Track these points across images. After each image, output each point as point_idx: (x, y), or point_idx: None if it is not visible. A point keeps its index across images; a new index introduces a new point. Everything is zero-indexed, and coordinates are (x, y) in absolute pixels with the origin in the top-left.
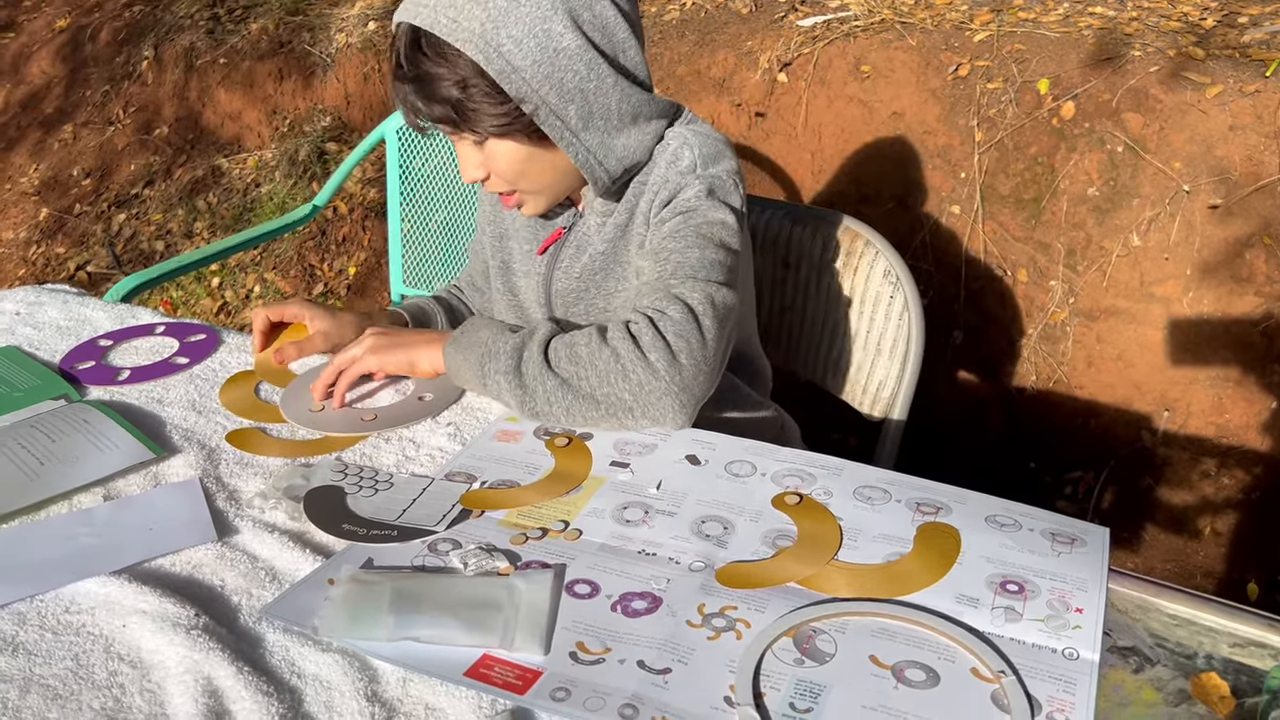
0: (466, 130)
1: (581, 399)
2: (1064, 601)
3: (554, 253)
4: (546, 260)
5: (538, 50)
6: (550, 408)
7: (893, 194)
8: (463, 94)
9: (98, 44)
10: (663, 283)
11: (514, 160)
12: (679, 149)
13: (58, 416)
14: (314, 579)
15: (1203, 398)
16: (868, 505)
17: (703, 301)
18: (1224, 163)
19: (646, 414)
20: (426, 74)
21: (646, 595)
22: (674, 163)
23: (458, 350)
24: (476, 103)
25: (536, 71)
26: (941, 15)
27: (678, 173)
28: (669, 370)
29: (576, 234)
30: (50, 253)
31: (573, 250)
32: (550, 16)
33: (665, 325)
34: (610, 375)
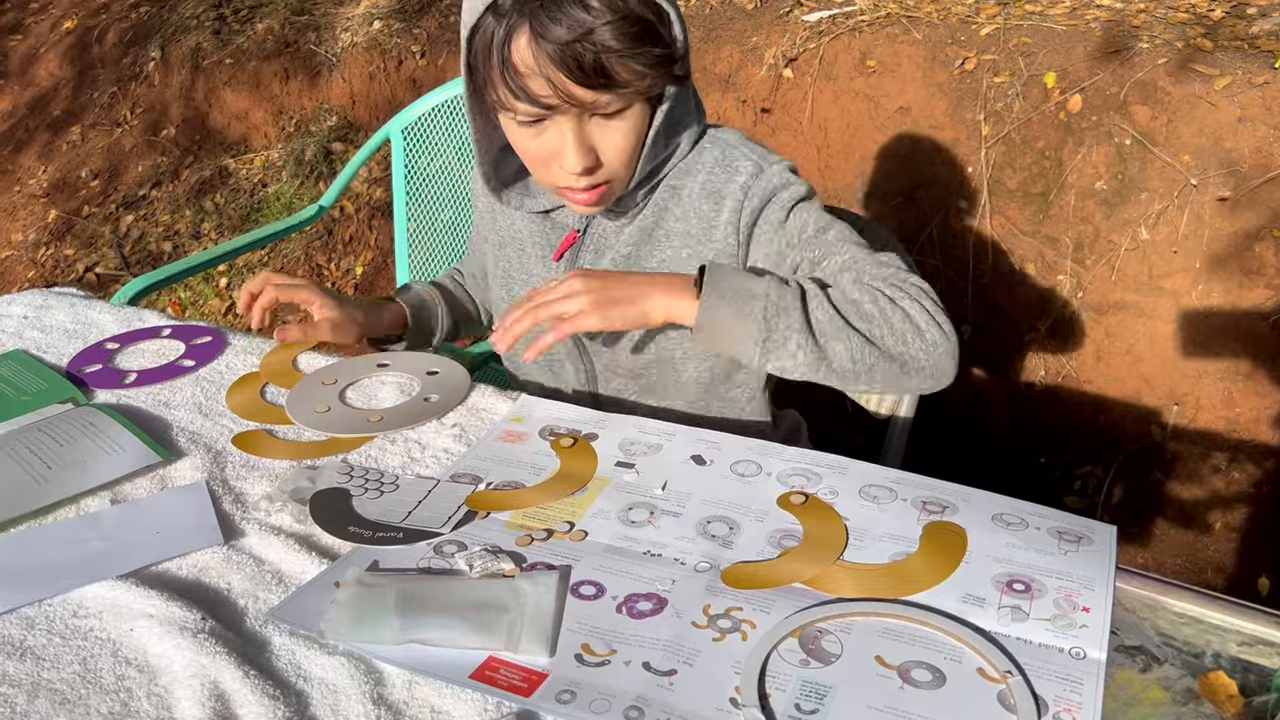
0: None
1: (883, 356)
2: (1071, 601)
3: (571, 257)
4: (564, 266)
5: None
6: (852, 365)
7: (899, 189)
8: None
9: (104, 45)
10: (874, 259)
11: (640, 134)
12: (726, 155)
13: (65, 420)
14: (320, 582)
15: (1212, 391)
16: (874, 504)
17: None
18: (1233, 155)
19: (934, 373)
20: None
21: (652, 596)
22: (729, 168)
23: (723, 301)
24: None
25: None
26: (947, 9)
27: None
28: (953, 335)
29: (593, 236)
30: (59, 254)
31: (591, 254)
32: None
33: (932, 295)
34: (906, 334)
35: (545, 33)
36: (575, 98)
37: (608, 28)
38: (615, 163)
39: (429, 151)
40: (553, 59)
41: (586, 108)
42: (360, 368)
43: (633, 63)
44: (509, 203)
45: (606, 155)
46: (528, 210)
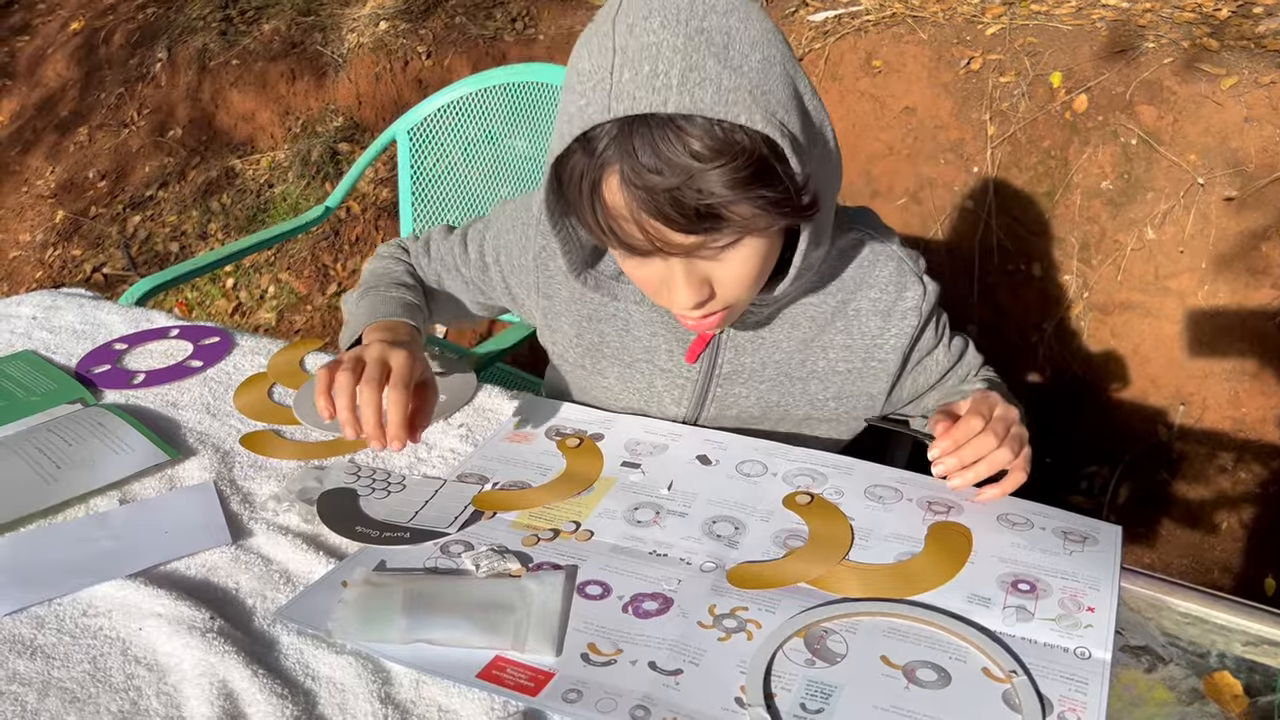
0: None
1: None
2: (1076, 600)
3: (708, 358)
4: (701, 367)
5: (799, 114)
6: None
7: (905, 188)
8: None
9: (111, 46)
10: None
11: (760, 263)
12: (899, 271)
13: (74, 420)
14: (327, 581)
15: (1219, 391)
16: (879, 504)
17: None
18: (1239, 155)
19: None
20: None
21: (658, 596)
22: (901, 286)
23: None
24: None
25: (802, 137)
26: (953, 9)
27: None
28: None
29: (731, 336)
30: (66, 255)
31: (731, 354)
32: (794, 75)
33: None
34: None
35: (639, 180)
36: (675, 245)
37: (715, 173)
38: (732, 292)
39: (435, 152)
40: (645, 207)
41: (689, 252)
42: None
43: (741, 207)
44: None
45: (722, 286)
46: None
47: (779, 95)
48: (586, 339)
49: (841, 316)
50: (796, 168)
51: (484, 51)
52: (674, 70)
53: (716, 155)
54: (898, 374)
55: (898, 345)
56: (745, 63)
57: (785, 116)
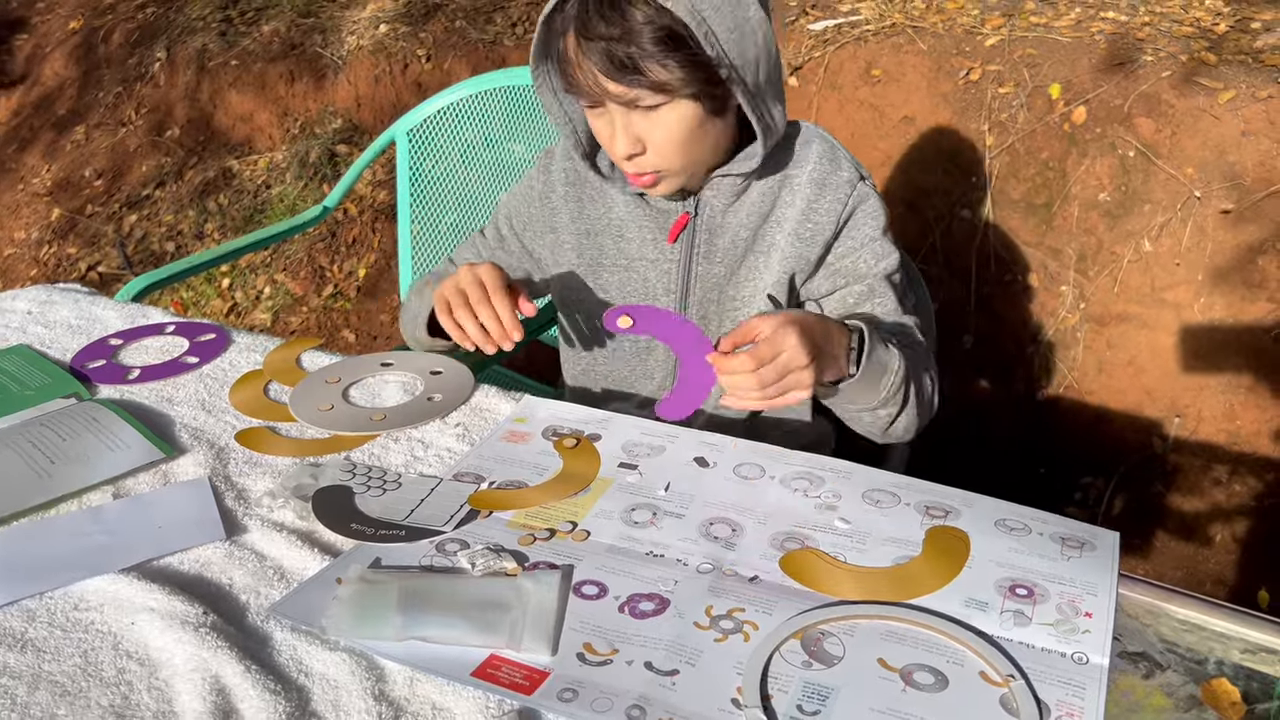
0: (655, 90)
1: (908, 429)
2: (1074, 606)
3: (687, 238)
4: (680, 247)
5: (731, 16)
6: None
7: (903, 198)
8: (663, 49)
9: (110, 45)
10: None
11: (685, 129)
12: (830, 151)
13: (68, 415)
14: (322, 578)
15: (1214, 404)
16: (876, 508)
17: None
18: (1236, 168)
19: (910, 432)
20: (630, 28)
21: (654, 597)
22: (832, 165)
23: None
24: (677, 57)
25: (730, 36)
26: (953, 20)
27: (852, 179)
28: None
29: (704, 218)
30: (61, 253)
31: (706, 234)
32: None
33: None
34: (926, 412)
35: (588, 31)
36: (611, 93)
37: (642, 35)
38: (660, 154)
39: (433, 154)
40: (588, 55)
41: (622, 101)
42: (364, 366)
43: (657, 67)
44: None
45: (651, 145)
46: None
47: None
48: (588, 255)
49: (787, 189)
50: (709, 51)
51: (484, 56)
52: None
53: (647, 23)
54: (829, 243)
55: (831, 211)
56: None
57: (710, 11)
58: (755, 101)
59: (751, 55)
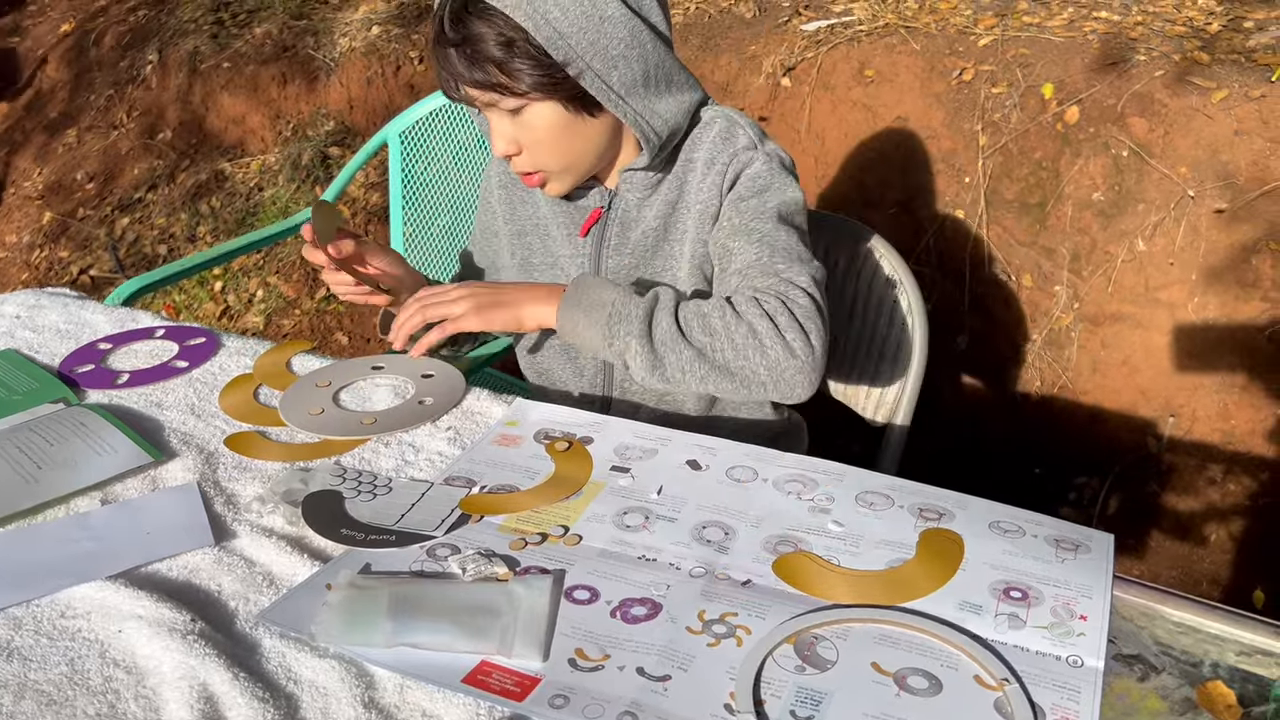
0: (506, 94)
1: (716, 370)
2: (1068, 608)
3: (597, 233)
4: (591, 241)
5: (583, 17)
6: (683, 375)
7: (896, 198)
8: (507, 54)
9: (102, 48)
10: (769, 267)
11: (552, 129)
12: (729, 127)
13: (56, 420)
14: (311, 584)
15: (1208, 404)
16: (870, 511)
17: (815, 284)
18: (1229, 167)
19: (779, 389)
20: (471, 35)
21: (646, 601)
22: (729, 139)
23: (578, 309)
24: (520, 63)
25: (582, 38)
26: (945, 20)
27: (741, 148)
28: (804, 350)
29: (617, 212)
30: (53, 257)
31: (618, 228)
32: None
33: (795, 308)
34: (748, 350)
35: (441, 39)
36: (474, 98)
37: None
38: (533, 155)
39: (426, 156)
40: (444, 62)
41: (484, 104)
42: (355, 370)
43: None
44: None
45: (524, 147)
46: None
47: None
48: (519, 255)
49: (692, 175)
50: (555, 53)
51: None
52: None
53: (489, 28)
54: (717, 215)
55: (715, 185)
56: None
57: (556, 13)
58: (622, 100)
59: (614, 53)
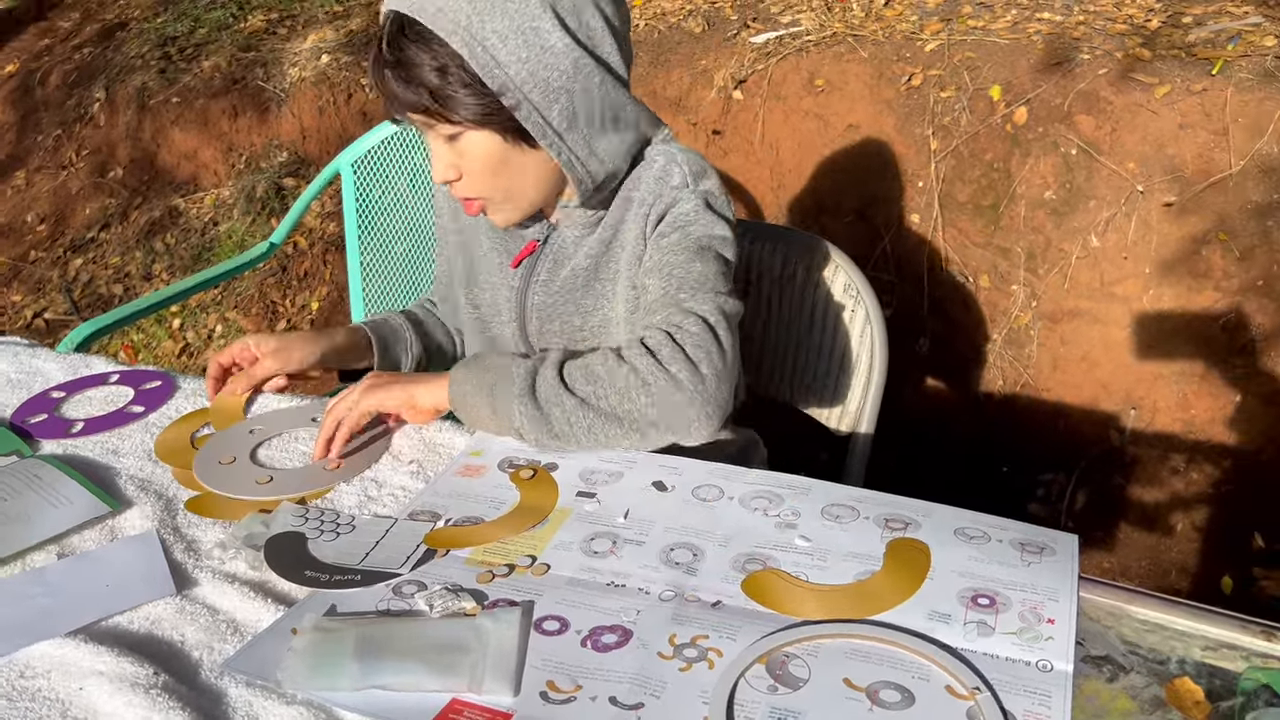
0: (441, 120)
1: (603, 417)
2: (1035, 613)
3: (529, 265)
4: (521, 273)
5: (523, 47)
6: (570, 429)
7: (852, 206)
8: (441, 80)
9: (47, 88)
10: (671, 298)
11: (489, 159)
12: (667, 165)
13: (8, 474)
14: (276, 629)
15: (1168, 394)
16: (836, 524)
17: (714, 311)
18: (1176, 161)
19: (671, 427)
20: (407, 59)
21: (616, 628)
22: (664, 179)
23: (466, 379)
24: (455, 90)
25: (521, 68)
26: (892, 26)
27: (670, 188)
28: (692, 381)
29: (553, 247)
30: (5, 301)
31: (550, 263)
32: (539, 15)
33: (683, 338)
34: (630, 390)
35: (379, 60)
36: (411, 120)
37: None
38: (472, 182)
39: (380, 183)
40: (383, 83)
41: (422, 125)
42: (293, 418)
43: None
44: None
45: (465, 174)
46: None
47: (499, 23)
48: (461, 270)
49: (630, 215)
50: (491, 82)
51: None
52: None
53: (425, 53)
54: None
55: (644, 228)
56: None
57: (494, 40)
58: (558, 138)
59: (555, 85)
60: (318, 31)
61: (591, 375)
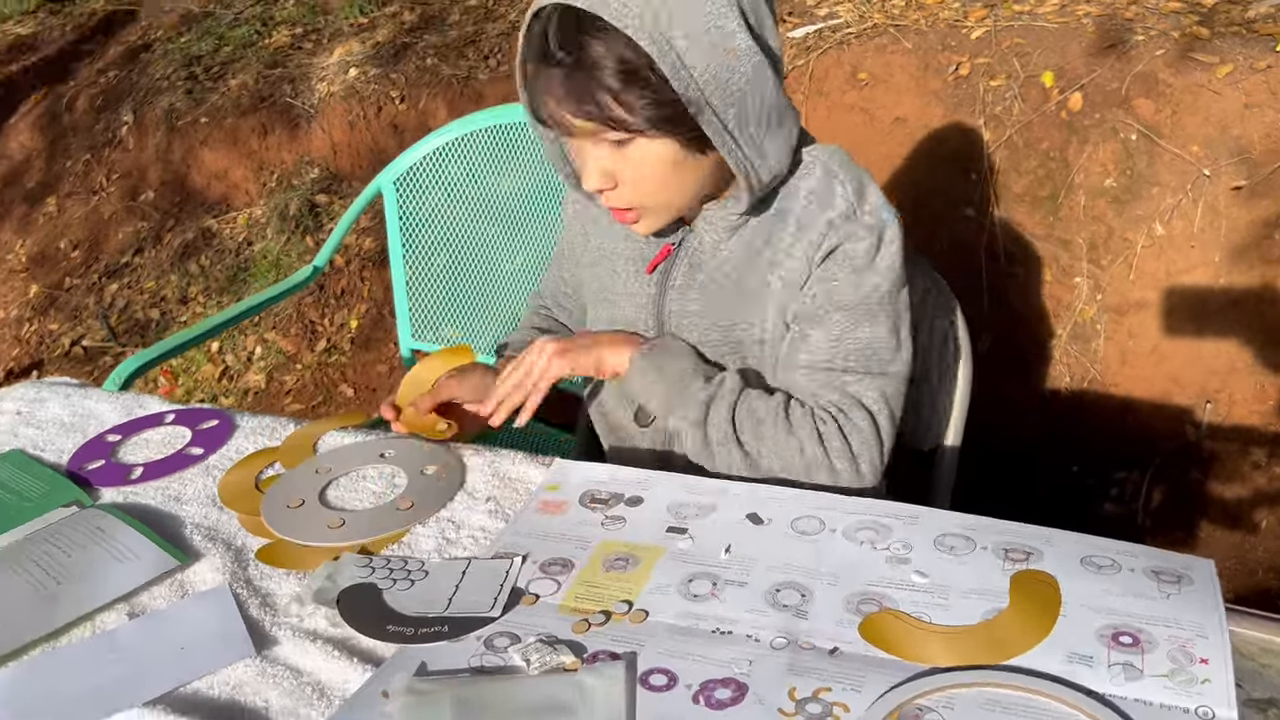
0: (617, 127)
1: (760, 474)
2: (1186, 652)
3: (664, 271)
4: (656, 280)
5: (710, 48)
6: (728, 470)
7: (903, 201)
8: (623, 83)
9: (75, 113)
10: (837, 377)
11: (660, 166)
12: (826, 181)
13: (70, 526)
14: (365, 693)
15: (1244, 386)
16: (951, 556)
17: (878, 400)
18: (1242, 142)
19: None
20: (588, 58)
21: (730, 682)
22: (825, 200)
23: (650, 371)
24: (639, 94)
25: (706, 70)
26: (935, 15)
27: (839, 216)
28: (851, 477)
29: (689, 250)
30: (43, 329)
31: (685, 268)
32: (726, 14)
33: (850, 430)
34: (793, 465)
35: (547, 59)
36: (573, 127)
37: (606, 59)
38: (634, 191)
39: (420, 199)
40: (548, 85)
41: (586, 134)
42: (361, 455)
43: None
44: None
45: (624, 181)
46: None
47: (687, 22)
48: (592, 287)
49: (781, 228)
50: (678, 86)
51: (459, 91)
52: None
53: (608, 53)
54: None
55: (804, 255)
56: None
57: (682, 42)
58: (735, 143)
59: (735, 87)
60: (344, 45)
61: (760, 433)
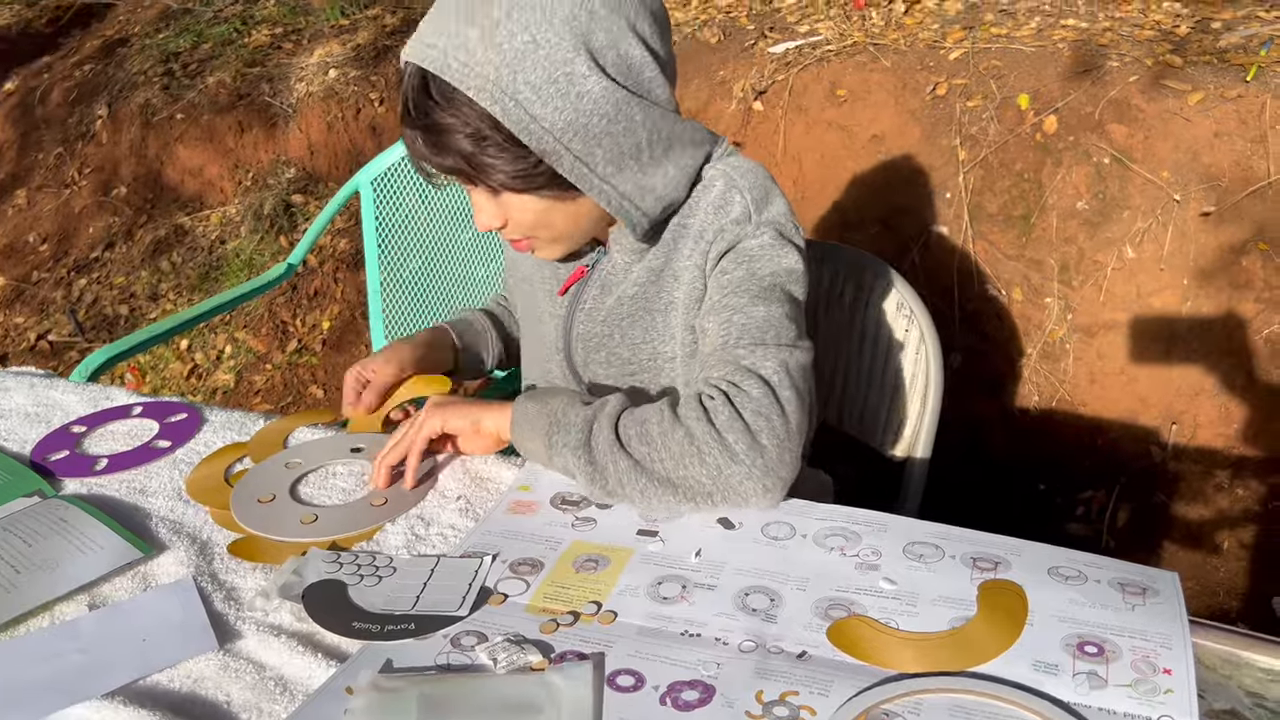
0: (480, 184)
1: (656, 482)
2: (1149, 662)
3: (575, 293)
4: (567, 301)
5: (559, 97)
6: (623, 489)
7: (878, 218)
8: (476, 147)
9: (49, 105)
10: (730, 351)
11: (535, 213)
12: (726, 192)
13: (32, 516)
14: (329, 689)
15: (1209, 408)
16: (921, 564)
17: (777, 370)
18: (1212, 169)
19: (728, 499)
20: (436, 123)
21: (697, 684)
22: (723, 208)
23: (525, 417)
24: (492, 156)
25: (558, 119)
26: (914, 35)
27: (732, 221)
28: (749, 454)
29: (600, 273)
30: (9, 323)
31: (596, 290)
32: (572, 59)
33: (742, 402)
34: (685, 458)
35: (408, 121)
36: (446, 177)
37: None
38: (522, 230)
39: (395, 200)
40: (414, 144)
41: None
42: (331, 449)
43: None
44: None
45: (512, 223)
46: None
47: (532, 74)
48: (521, 304)
49: (683, 242)
50: (531, 141)
51: None
52: (443, 35)
53: (455, 119)
54: (702, 296)
55: (701, 264)
56: (508, 42)
57: (529, 95)
58: (605, 184)
59: (597, 129)
60: (324, 46)
61: (646, 435)
